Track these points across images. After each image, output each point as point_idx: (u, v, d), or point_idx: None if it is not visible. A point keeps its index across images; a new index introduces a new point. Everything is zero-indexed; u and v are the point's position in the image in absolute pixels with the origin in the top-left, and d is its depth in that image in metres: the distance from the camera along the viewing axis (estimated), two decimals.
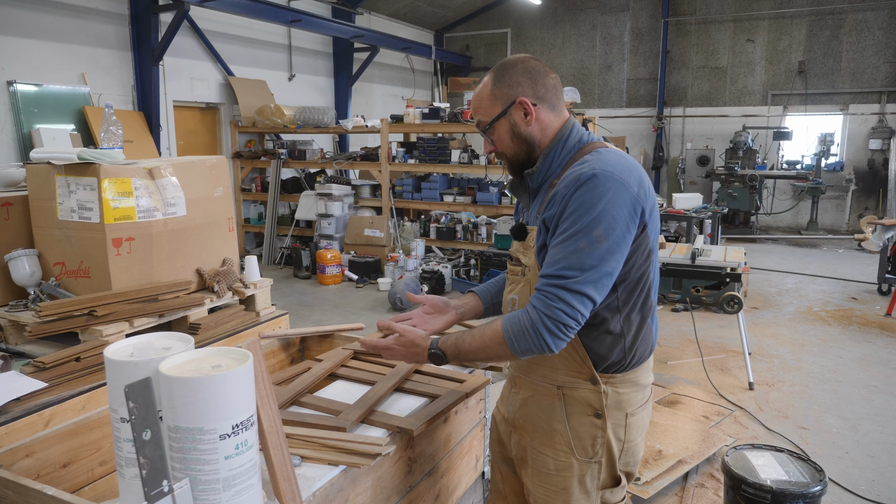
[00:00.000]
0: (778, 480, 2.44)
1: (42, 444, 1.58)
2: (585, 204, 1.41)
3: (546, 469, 1.63)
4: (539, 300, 1.43)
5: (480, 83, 1.63)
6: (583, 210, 1.41)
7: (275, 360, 2.49)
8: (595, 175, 1.42)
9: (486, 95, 1.59)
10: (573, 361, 1.57)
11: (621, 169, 1.45)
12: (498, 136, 1.59)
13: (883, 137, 11.22)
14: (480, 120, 1.61)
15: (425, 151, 8.06)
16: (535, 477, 1.65)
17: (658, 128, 12.79)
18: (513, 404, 1.73)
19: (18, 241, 2.58)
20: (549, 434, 1.61)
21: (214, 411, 1.07)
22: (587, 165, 1.46)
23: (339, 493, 1.51)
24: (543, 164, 1.60)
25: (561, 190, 1.46)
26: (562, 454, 1.60)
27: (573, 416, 1.59)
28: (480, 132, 1.64)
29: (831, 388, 4.45)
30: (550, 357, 1.56)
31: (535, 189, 1.64)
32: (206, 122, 9.24)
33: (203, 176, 2.75)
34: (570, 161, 1.56)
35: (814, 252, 9.80)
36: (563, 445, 1.60)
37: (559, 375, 1.59)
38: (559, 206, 1.46)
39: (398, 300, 6.46)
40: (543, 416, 1.62)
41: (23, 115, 6.51)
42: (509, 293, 1.69)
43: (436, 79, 14.45)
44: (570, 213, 1.42)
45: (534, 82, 1.57)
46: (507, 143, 1.59)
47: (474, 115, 1.64)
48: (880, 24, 11.13)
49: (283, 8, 8.92)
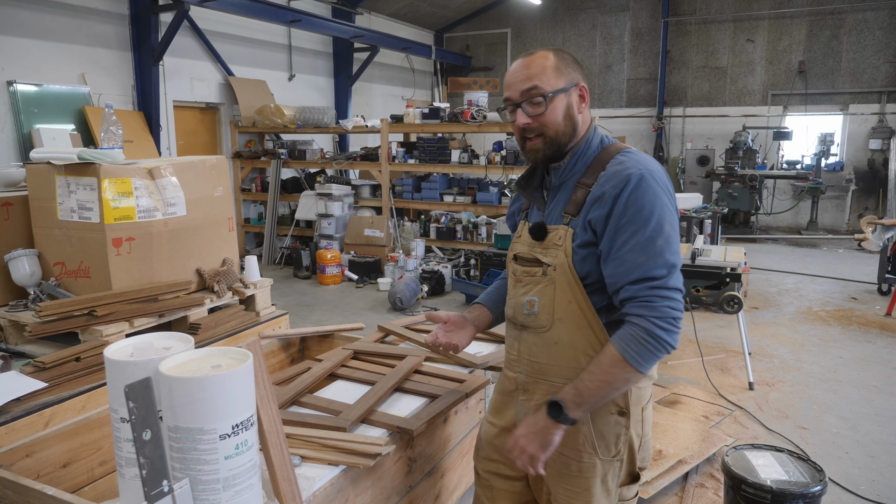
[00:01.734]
0: (778, 480, 2.44)
1: (42, 444, 1.58)
2: (647, 204, 1.44)
3: (568, 470, 1.60)
4: (641, 307, 1.44)
5: (533, 55, 1.57)
6: (647, 210, 1.44)
7: (275, 360, 2.49)
8: (643, 176, 1.46)
9: (549, 66, 1.54)
10: None
11: (658, 169, 1.51)
12: (552, 109, 1.54)
13: (883, 137, 11.21)
14: (537, 86, 1.53)
15: (425, 151, 8.05)
16: (556, 478, 1.63)
17: (658, 128, 12.79)
18: (525, 412, 1.66)
19: (18, 241, 2.58)
20: (572, 435, 1.58)
21: (214, 411, 1.07)
22: (631, 166, 1.48)
23: (339, 493, 1.51)
24: (570, 161, 1.60)
25: (609, 190, 1.47)
26: (585, 455, 1.58)
27: (598, 415, 1.57)
28: (523, 101, 1.55)
29: (831, 388, 4.45)
30: (574, 357, 1.55)
31: (557, 186, 1.63)
32: (206, 122, 9.23)
33: (203, 176, 2.75)
34: (594, 161, 1.57)
35: (814, 252, 9.80)
36: (587, 446, 1.58)
37: None
38: (609, 205, 1.47)
39: (398, 300, 6.45)
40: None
41: (23, 115, 6.51)
42: (524, 294, 1.63)
43: (436, 79, 14.45)
44: (632, 214, 1.44)
45: (585, 78, 1.62)
46: (558, 119, 1.55)
47: (528, 81, 1.54)
48: (880, 24, 11.13)
49: (283, 8, 8.92)
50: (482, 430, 1.84)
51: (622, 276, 1.46)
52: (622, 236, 1.45)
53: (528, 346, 1.64)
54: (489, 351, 2.33)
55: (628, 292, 1.45)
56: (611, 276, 1.48)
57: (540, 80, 1.53)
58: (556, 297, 1.55)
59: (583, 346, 1.55)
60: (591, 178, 1.54)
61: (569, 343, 1.56)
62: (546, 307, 1.57)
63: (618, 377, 1.45)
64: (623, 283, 1.46)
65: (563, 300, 1.55)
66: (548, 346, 1.59)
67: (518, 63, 1.59)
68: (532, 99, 1.54)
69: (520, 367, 1.67)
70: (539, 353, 1.62)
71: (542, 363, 1.61)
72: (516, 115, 1.57)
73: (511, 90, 1.58)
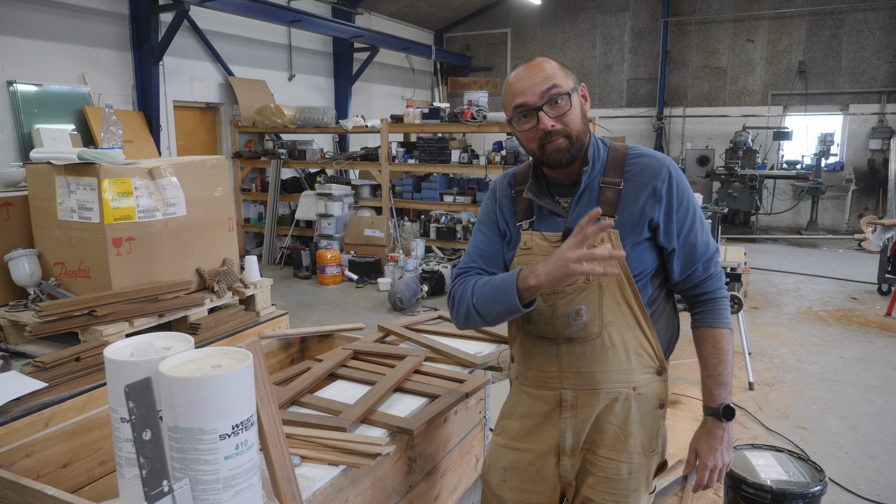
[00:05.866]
0: (778, 480, 2.44)
1: (42, 444, 1.58)
2: (687, 192, 1.57)
3: (618, 475, 1.58)
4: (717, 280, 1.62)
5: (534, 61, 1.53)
6: (689, 194, 1.57)
7: (275, 360, 2.49)
8: (671, 164, 1.57)
9: (556, 67, 1.51)
10: (646, 356, 1.56)
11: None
12: (573, 107, 1.50)
13: (883, 137, 11.21)
14: (557, 84, 1.48)
15: (425, 151, 8.05)
16: (601, 485, 1.59)
17: (658, 128, 12.79)
18: (573, 428, 1.59)
19: (18, 241, 2.58)
20: (624, 439, 1.57)
21: (214, 411, 1.07)
22: (654, 158, 1.57)
23: (339, 493, 1.51)
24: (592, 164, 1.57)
25: (658, 186, 1.53)
26: (635, 456, 1.58)
27: (646, 413, 1.58)
28: (543, 104, 1.48)
29: (831, 388, 4.45)
30: (626, 359, 1.55)
31: (581, 191, 1.56)
32: (206, 122, 9.23)
33: (203, 176, 2.75)
34: (610, 160, 1.58)
35: (814, 252, 9.80)
36: (637, 447, 1.57)
37: (635, 376, 1.56)
38: (664, 201, 1.53)
39: (398, 300, 6.45)
40: (618, 423, 1.57)
41: (23, 115, 6.51)
42: (567, 304, 1.53)
43: (436, 79, 14.45)
44: (685, 201, 1.55)
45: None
46: (578, 117, 1.52)
47: (547, 80, 1.48)
48: (880, 24, 11.13)
49: (283, 8, 8.92)
50: (508, 458, 1.68)
51: (698, 258, 1.57)
52: (687, 222, 1.55)
53: (575, 358, 1.56)
54: (489, 351, 2.33)
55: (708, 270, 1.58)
56: (684, 261, 1.57)
57: (556, 78, 1.49)
58: (603, 300, 1.52)
59: (633, 345, 1.55)
60: (615, 177, 1.55)
61: (621, 345, 1.53)
62: (595, 313, 1.52)
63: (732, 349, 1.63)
64: (699, 262, 1.57)
65: (611, 302, 1.52)
66: (601, 353, 1.54)
67: (525, 69, 1.52)
68: (553, 99, 1.47)
69: (564, 382, 1.58)
70: (590, 363, 1.55)
71: (594, 372, 1.55)
72: (538, 120, 1.48)
73: (526, 95, 1.48)
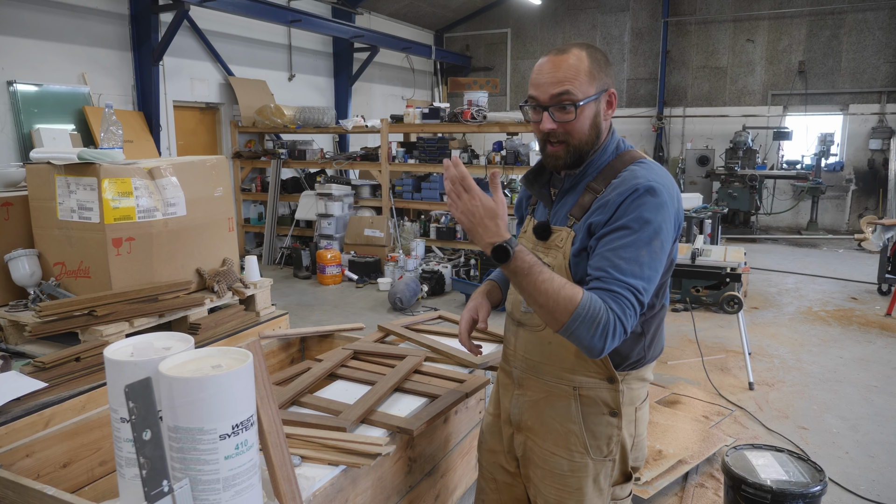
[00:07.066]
0: (778, 480, 2.44)
1: (42, 444, 1.58)
2: (644, 216, 1.39)
3: (560, 470, 1.60)
4: (616, 304, 1.34)
5: (566, 53, 1.45)
6: (642, 221, 1.39)
7: (275, 360, 2.49)
8: (653, 189, 1.41)
9: (584, 70, 1.44)
10: (592, 363, 1.54)
11: (670, 185, 1.46)
12: (581, 118, 1.45)
13: (883, 137, 11.21)
14: (569, 91, 1.43)
15: (425, 151, 8.05)
16: (548, 478, 1.63)
17: (658, 128, 12.78)
18: (518, 406, 1.68)
19: (18, 241, 2.58)
20: (564, 435, 1.58)
21: (214, 411, 1.07)
22: (642, 177, 1.43)
23: (339, 493, 1.51)
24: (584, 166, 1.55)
25: (614, 198, 1.43)
26: (577, 455, 1.58)
27: (589, 416, 1.57)
28: (551, 106, 1.45)
29: (831, 388, 4.45)
30: (566, 357, 1.55)
31: (566, 189, 1.58)
32: (206, 122, 9.23)
33: (203, 176, 2.75)
34: (606, 167, 1.52)
35: (814, 252, 9.80)
36: (579, 446, 1.58)
37: (576, 377, 1.56)
38: (610, 212, 1.42)
39: (398, 300, 6.45)
40: (558, 417, 1.59)
41: (23, 115, 6.51)
42: None
43: (436, 79, 14.45)
44: (628, 222, 1.39)
45: (614, 80, 1.53)
46: (584, 128, 1.47)
47: (559, 84, 1.43)
48: (880, 24, 11.12)
49: (283, 8, 8.92)
50: (484, 422, 1.86)
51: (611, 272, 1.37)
52: (610, 238, 1.40)
53: (524, 343, 1.64)
54: (489, 351, 2.33)
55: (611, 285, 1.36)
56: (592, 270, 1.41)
57: (572, 84, 1.43)
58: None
59: (574, 347, 1.52)
60: (601, 184, 1.50)
61: (561, 343, 1.55)
62: None
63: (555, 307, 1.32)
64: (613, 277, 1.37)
65: None
66: (542, 345, 1.60)
67: (548, 61, 1.46)
68: (562, 104, 1.44)
69: (515, 362, 1.68)
70: (533, 351, 1.62)
71: (535, 361, 1.62)
72: (541, 118, 1.47)
73: (539, 90, 1.46)
